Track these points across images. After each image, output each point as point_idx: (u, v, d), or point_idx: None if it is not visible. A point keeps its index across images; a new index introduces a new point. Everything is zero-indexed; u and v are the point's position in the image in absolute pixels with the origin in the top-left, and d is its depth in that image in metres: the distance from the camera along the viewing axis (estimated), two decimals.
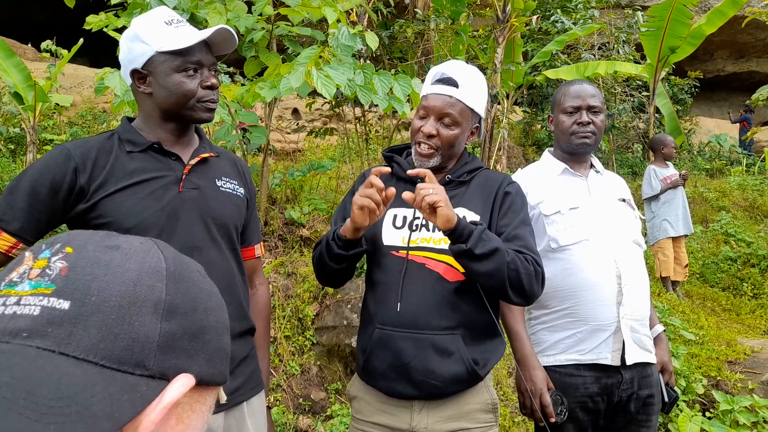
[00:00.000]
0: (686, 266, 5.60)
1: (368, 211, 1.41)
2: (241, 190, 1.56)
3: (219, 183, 1.50)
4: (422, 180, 1.49)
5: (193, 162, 1.45)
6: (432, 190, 1.37)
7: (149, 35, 1.35)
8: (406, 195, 1.41)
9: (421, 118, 1.58)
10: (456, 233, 1.39)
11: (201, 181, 1.46)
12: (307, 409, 3.28)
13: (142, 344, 0.46)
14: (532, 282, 1.47)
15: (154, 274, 0.49)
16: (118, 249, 0.50)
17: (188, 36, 1.37)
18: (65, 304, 0.45)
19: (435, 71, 1.61)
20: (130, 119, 1.49)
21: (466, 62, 1.73)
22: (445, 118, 1.55)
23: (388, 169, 1.45)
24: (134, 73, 1.40)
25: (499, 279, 1.42)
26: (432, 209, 1.37)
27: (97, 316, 0.45)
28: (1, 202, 1.33)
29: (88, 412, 0.41)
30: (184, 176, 1.42)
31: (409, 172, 1.47)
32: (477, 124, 1.64)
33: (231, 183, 1.54)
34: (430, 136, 1.55)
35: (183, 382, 0.48)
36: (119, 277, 0.48)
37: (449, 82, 1.56)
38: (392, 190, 1.42)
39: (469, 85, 1.58)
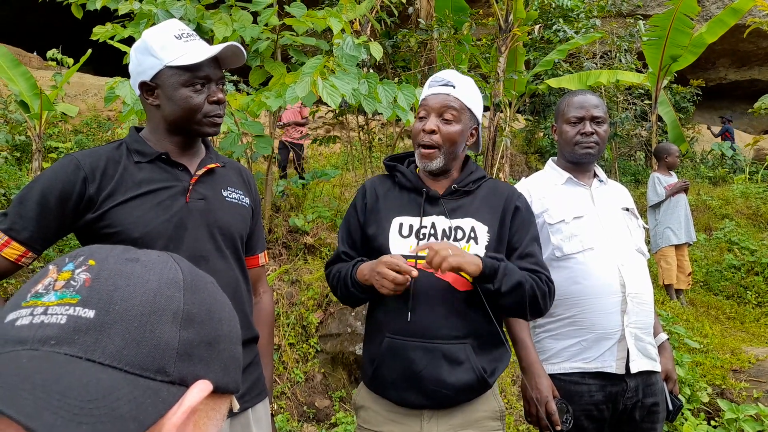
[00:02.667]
0: (689, 274, 5.60)
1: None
2: (247, 200, 1.58)
3: (225, 193, 1.52)
4: (429, 200, 1.59)
5: (199, 173, 1.47)
6: (450, 250, 1.40)
7: (159, 49, 1.37)
8: (420, 248, 1.47)
9: (421, 119, 1.61)
10: (483, 276, 1.45)
11: (207, 191, 1.47)
12: (311, 416, 3.28)
13: (162, 351, 0.48)
14: (546, 301, 1.56)
15: (172, 285, 0.52)
16: (137, 261, 0.52)
17: (198, 52, 1.38)
18: (90, 313, 0.47)
19: (431, 79, 1.66)
20: (138, 129, 1.51)
21: (468, 70, 1.79)
22: (445, 113, 1.58)
23: (415, 273, 1.43)
24: (143, 85, 1.41)
25: (520, 306, 1.51)
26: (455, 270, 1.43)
27: (120, 324, 0.47)
28: (11, 211, 1.33)
29: (116, 414, 0.43)
30: (191, 187, 1.44)
31: (417, 249, 1.47)
32: (476, 126, 1.66)
33: (237, 193, 1.55)
34: (432, 132, 1.57)
35: (202, 388, 0.50)
36: (140, 288, 0.50)
37: (446, 84, 1.61)
38: (415, 272, 1.43)
39: (465, 87, 1.62)
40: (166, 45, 1.37)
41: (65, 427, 0.40)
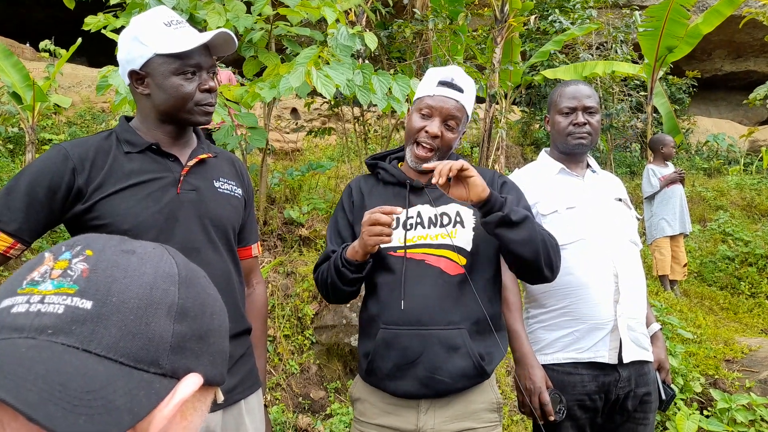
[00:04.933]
0: (685, 265, 5.61)
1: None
2: (239, 191, 1.56)
3: (217, 184, 1.50)
4: (413, 191, 1.57)
5: (191, 163, 1.45)
6: (454, 162, 1.38)
7: (148, 37, 1.34)
8: (428, 166, 1.43)
9: (423, 117, 1.58)
10: (489, 203, 1.41)
11: (199, 182, 1.46)
12: (306, 407, 3.30)
13: (156, 344, 0.49)
14: (557, 254, 1.53)
15: (167, 279, 0.52)
16: (134, 253, 0.53)
17: (188, 39, 1.36)
18: (88, 304, 0.48)
19: (438, 74, 1.61)
20: (129, 118, 1.48)
21: (464, 61, 1.77)
22: (451, 120, 1.57)
23: (401, 210, 1.45)
24: (132, 74, 1.39)
25: (533, 247, 1.45)
26: (457, 180, 1.39)
27: (117, 316, 0.48)
28: None
29: (112, 406, 0.44)
30: (182, 178, 1.42)
31: (425, 166, 1.48)
32: (465, 129, 1.69)
33: (229, 184, 1.54)
34: (434, 137, 1.56)
35: (193, 381, 0.51)
36: (137, 281, 0.50)
37: (455, 87, 1.58)
38: (399, 209, 1.45)
39: (469, 92, 1.61)
40: (155, 32, 1.35)
41: (65, 419, 0.41)
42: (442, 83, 1.58)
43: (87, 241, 0.53)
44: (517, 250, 1.46)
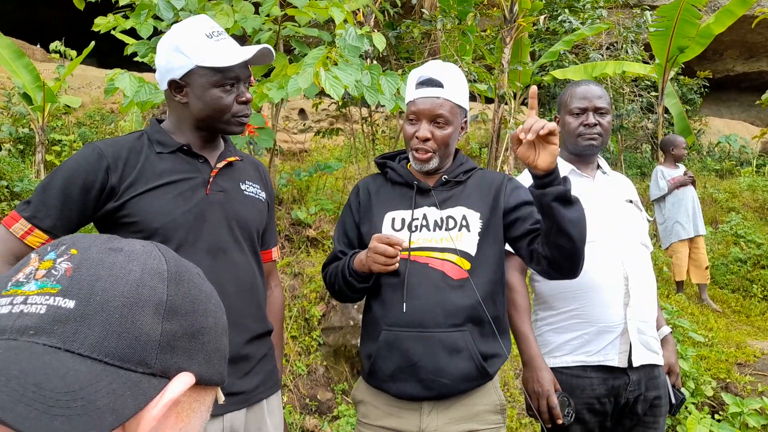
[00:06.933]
0: (707, 268, 5.42)
1: None
2: (263, 194, 1.60)
3: (243, 187, 1.54)
4: (420, 193, 1.58)
5: (220, 165, 1.49)
6: (548, 123, 1.35)
7: (190, 48, 1.37)
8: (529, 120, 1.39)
9: (412, 123, 1.59)
10: (553, 175, 1.39)
11: (227, 184, 1.49)
12: (313, 409, 3.29)
13: (144, 343, 0.48)
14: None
15: (155, 276, 0.51)
16: (120, 251, 0.51)
17: (230, 53, 1.38)
18: (70, 303, 0.46)
19: (416, 75, 1.61)
20: (160, 120, 1.52)
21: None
22: (437, 119, 1.56)
23: (406, 243, 1.47)
24: (171, 83, 1.42)
25: (581, 229, 1.43)
26: (540, 142, 1.36)
27: (101, 315, 0.47)
28: (34, 199, 1.36)
29: (93, 406, 0.43)
30: (211, 179, 1.46)
31: (519, 132, 1.40)
32: (465, 119, 1.66)
33: (254, 187, 1.57)
34: (425, 140, 1.56)
35: (184, 380, 0.49)
36: (122, 279, 0.49)
37: (433, 83, 1.57)
38: (405, 242, 1.47)
39: (452, 83, 1.58)
40: (197, 44, 1.37)
41: (38, 420, 0.40)
42: (420, 84, 1.58)
43: (73, 240, 0.52)
44: (568, 229, 1.40)
